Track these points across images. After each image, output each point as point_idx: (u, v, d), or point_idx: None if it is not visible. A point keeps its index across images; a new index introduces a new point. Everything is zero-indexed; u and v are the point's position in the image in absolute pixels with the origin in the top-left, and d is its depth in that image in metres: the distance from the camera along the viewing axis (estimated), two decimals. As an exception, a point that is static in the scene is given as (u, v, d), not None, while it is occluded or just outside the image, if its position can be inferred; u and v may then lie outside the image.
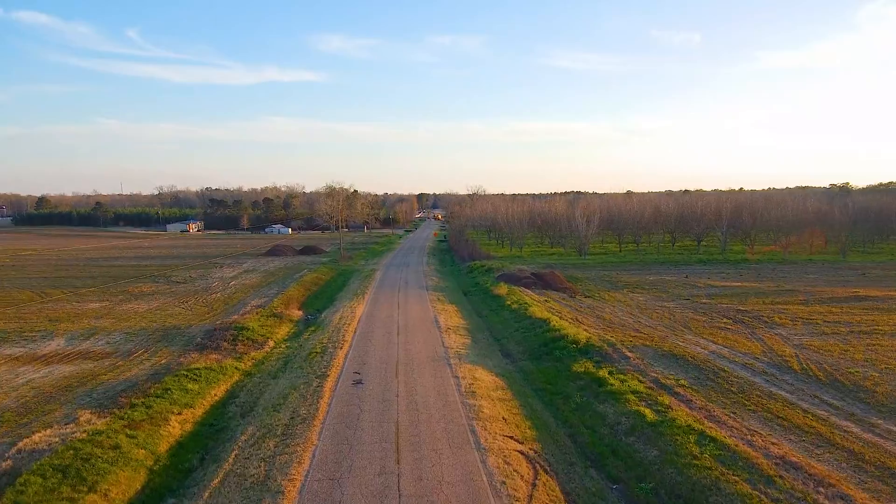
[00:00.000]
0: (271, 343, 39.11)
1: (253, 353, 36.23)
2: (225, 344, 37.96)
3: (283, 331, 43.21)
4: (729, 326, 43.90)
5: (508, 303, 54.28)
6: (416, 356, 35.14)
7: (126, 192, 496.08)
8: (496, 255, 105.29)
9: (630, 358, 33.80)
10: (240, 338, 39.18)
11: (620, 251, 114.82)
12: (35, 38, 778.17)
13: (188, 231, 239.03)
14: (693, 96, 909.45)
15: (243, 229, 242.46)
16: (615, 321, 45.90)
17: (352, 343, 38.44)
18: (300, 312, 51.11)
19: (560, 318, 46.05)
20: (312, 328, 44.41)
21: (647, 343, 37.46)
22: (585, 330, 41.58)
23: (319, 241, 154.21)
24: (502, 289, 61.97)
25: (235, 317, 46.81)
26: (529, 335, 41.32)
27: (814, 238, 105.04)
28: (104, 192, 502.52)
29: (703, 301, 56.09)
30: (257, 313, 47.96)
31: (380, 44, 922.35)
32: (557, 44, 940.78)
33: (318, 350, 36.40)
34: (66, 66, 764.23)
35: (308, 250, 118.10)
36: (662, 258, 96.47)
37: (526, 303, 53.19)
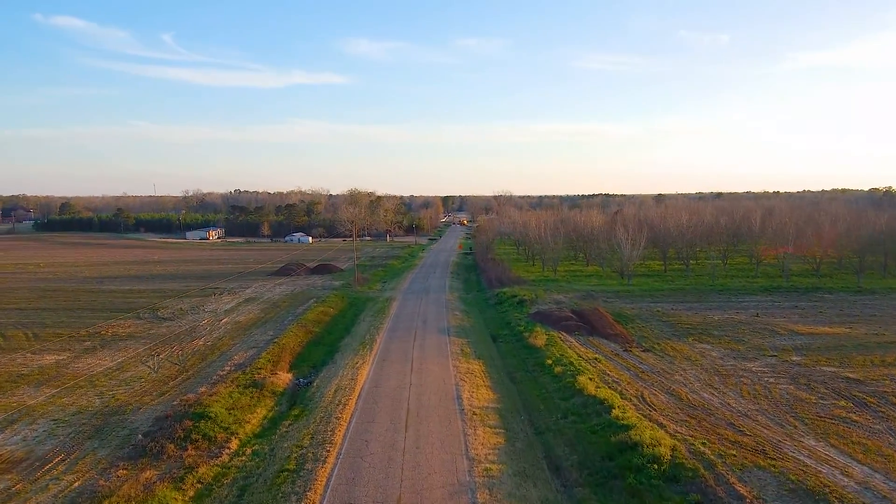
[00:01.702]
0: (234, 444, 28.88)
1: (202, 469, 26.01)
2: (171, 447, 27.92)
3: (258, 416, 32.96)
4: (853, 416, 32.42)
5: (549, 361, 43.40)
6: (430, 480, 24.59)
7: (158, 193, 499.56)
8: (527, 277, 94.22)
9: (745, 498, 22.74)
10: (194, 434, 29.11)
11: (666, 272, 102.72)
12: (72, 43, 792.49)
13: (207, 238, 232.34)
14: (722, 97, 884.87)
15: (264, 236, 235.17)
16: (696, 403, 34.67)
17: (341, 449, 27.97)
18: (289, 376, 40.92)
19: (622, 397, 35.00)
20: (296, 411, 34.08)
21: (759, 460, 26.22)
22: (661, 424, 30.53)
23: (338, 252, 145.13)
24: (539, 336, 51.06)
25: (203, 389, 36.78)
26: (584, 430, 30.41)
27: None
28: (133, 194, 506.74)
29: (795, 360, 44.47)
30: (233, 381, 37.90)
31: (405, 46, 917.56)
32: (584, 45, 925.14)
33: (292, 466, 26.05)
34: (100, 69, 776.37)
35: (322, 269, 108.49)
36: (718, 285, 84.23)
37: (572, 363, 42.25)
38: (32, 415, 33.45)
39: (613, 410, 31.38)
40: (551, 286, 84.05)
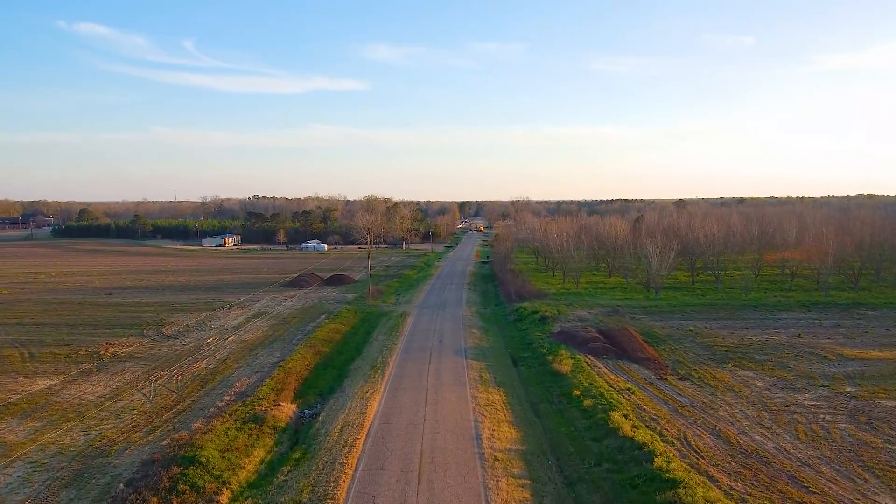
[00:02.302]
0: (224, 497, 25.48)
1: (185, 532, 22.63)
2: (154, 501, 24.61)
3: (254, 460, 29.52)
4: (932, 465, 28.25)
5: (577, 392, 39.56)
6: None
7: (178, 199, 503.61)
8: (547, 290, 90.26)
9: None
10: (181, 484, 25.79)
11: (693, 283, 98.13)
12: (94, 49, 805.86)
13: (223, 245, 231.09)
14: (743, 100, 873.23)
15: (279, 243, 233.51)
16: (748, 447, 30.61)
17: (345, 507, 24.46)
18: (293, 407, 37.53)
19: (662, 439, 31.07)
20: (298, 453, 30.57)
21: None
22: (712, 478, 26.58)
23: (353, 260, 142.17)
24: (564, 361, 47.19)
25: (198, 424, 33.51)
26: (622, 482, 26.56)
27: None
28: (153, 199, 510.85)
29: (850, 392, 40.18)
30: (231, 415, 34.61)
31: (424, 51, 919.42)
32: (603, 48, 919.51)
33: (287, 531, 22.59)
34: (121, 75, 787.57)
35: (335, 280, 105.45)
36: (752, 300, 79.51)
37: (602, 395, 38.38)
38: (10, 455, 30.38)
39: (656, 459, 27.48)
40: (574, 300, 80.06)
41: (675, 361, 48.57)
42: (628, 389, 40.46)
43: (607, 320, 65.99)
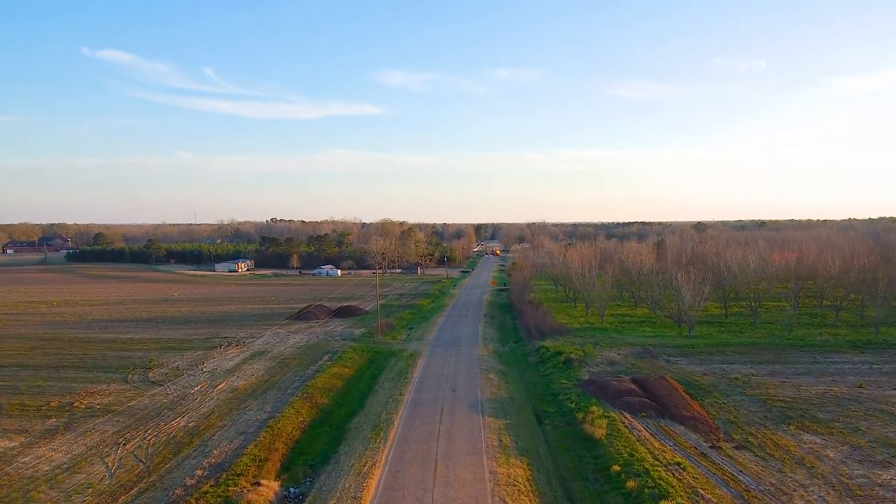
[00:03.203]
0: None
1: None
2: None
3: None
4: None
5: (615, 467, 33.05)
6: None
7: (198, 221, 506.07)
8: (570, 324, 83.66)
9: None
10: None
11: (726, 316, 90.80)
12: (117, 76, 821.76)
13: (236, 270, 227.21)
14: (759, 123, 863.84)
15: (293, 268, 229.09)
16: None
17: None
18: (275, 486, 31.43)
19: (732, 547, 24.50)
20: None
21: None
22: None
23: (367, 288, 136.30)
24: (597, 421, 40.64)
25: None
26: None
27: None
28: (172, 222, 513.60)
29: (948, 469, 33.18)
30: (199, 501, 28.61)
31: (439, 78, 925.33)
32: (617, 73, 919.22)
33: None
34: (145, 101, 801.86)
35: (344, 312, 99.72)
36: (796, 339, 72.17)
37: (647, 472, 31.83)
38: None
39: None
40: (600, 338, 73.40)
41: (726, 421, 41.78)
42: (678, 464, 33.79)
43: (640, 364, 59.33)
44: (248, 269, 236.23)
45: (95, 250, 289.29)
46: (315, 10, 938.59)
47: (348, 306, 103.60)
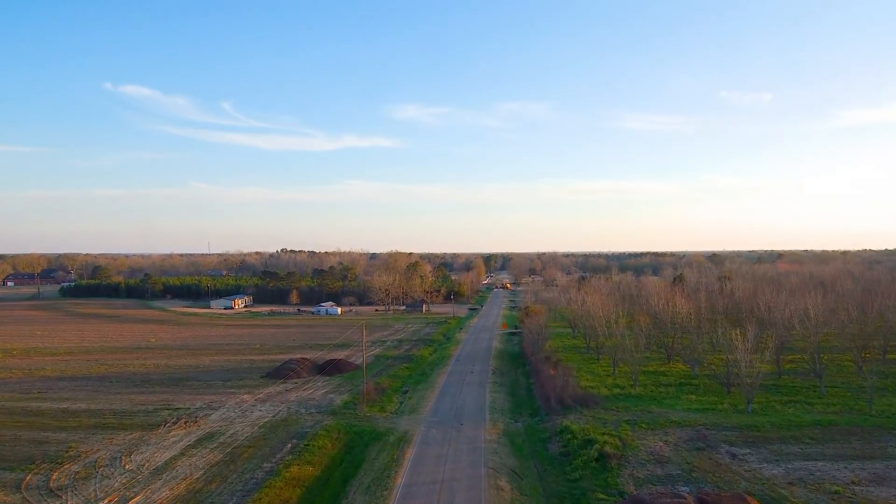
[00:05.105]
0: None
1: None
2: None
3: None
4: None
5: None
6: None
7: (212, 251, 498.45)
8: (597, 389, 69.54)
9: None
10: None
11: (780, 375, 76.03)
12: (138, 110, 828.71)
13: (232, 308, 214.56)
14: (767, 155, 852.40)
15: (292, 305, 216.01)
16: None
17: None
18: None
19: None
20: None
21: None
22: None
23: (369, 329, 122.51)
24: None
25: None
26: None
27: None
28: (187, 252, 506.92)
29: None
30: None
31: (451, 111, 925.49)
32: (625, 105, 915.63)
33: None
34: (164, 134, 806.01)
35: (329, 367, 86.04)
36: (881, 415, 57.59)
37: None
38: None
39: None
40: (636, 413, 59.20)
41: None
42: None
43: (697, 461, 45.04)
44: (245, 306, 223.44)
45: (90, 285, 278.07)
46: (331, 47, 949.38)
47: (336, 361, 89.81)
